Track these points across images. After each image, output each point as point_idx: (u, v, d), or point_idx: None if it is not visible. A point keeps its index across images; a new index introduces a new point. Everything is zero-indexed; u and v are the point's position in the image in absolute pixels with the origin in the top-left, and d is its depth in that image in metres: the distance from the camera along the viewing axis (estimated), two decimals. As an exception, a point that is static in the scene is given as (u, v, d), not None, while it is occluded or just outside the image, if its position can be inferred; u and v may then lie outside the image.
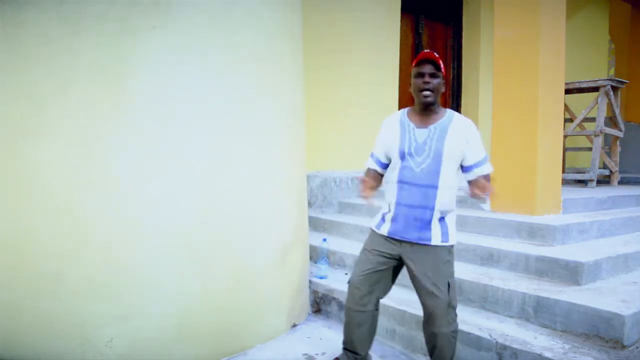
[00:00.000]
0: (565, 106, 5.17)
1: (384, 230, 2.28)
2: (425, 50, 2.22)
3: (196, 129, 2.59)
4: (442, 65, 2.19)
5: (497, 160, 3.81)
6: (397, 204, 2.24)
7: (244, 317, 2.80)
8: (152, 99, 2.50)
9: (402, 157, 2.22)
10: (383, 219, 2.32)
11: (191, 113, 2.57)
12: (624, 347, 2.26)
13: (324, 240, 3.66)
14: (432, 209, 2.17)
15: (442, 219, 2.20)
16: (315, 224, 4.45)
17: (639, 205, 4.61)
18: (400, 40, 5.58)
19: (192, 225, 2.58)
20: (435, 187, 2.17)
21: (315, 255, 3.71)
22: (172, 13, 2.51)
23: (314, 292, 3.42)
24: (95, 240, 2.45)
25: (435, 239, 2.18)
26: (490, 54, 5.24)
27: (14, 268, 2.47)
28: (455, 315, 2.23)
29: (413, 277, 2.24)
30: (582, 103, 6.03)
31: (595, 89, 5.49)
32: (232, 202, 2.72)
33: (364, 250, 2.36)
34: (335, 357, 2.52)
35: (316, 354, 2.75)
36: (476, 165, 2.23)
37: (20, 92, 2.46)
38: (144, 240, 2.50)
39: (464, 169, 2.26)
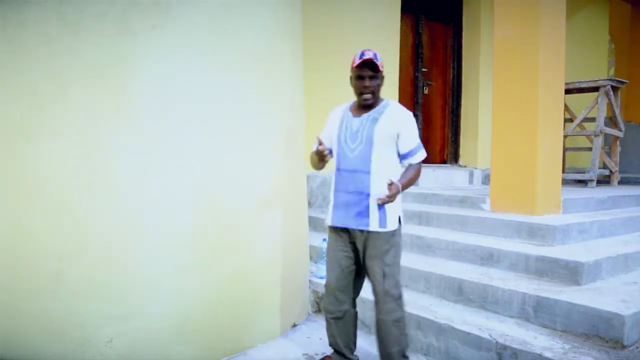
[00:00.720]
0: (565, 106, 5.17)
1: (329, 220, 2.37)
2: (367, 52, 2.26)
3: (196, 128, 2.59)
4: (380, 65, 2.25)
5: (497, 160, 3.81)
6: (336, 190, 2.35)
7: (244, 317, 2.80)
8: (152, 99, 2.50)
9: (339, 144, 2.33)
10: (329, 210, 2.40)
11: (191, 113, 2.57)
12: (624, 347, 2.26)
13: (324, 240, 3.65)
14: (368, 195, 2.24)
15: (380, 205, 2.24)
16: (315, 224, 4.45)
17: (639, 205, 4.61)
18: (400, 40, 5.58)
19: (192, 226, 2.58)
20: (367, 172, 2.25)
21: (315, 255, 3.70)
22: (172, 13, 2.51)
23: (314, 292, 3.42)
24: (95, 240, 2.45)
25: (373, 224, 2.24)
26: (490, 54, 5.23)
27: (13, 268, 2.47)
28: (398, 304, 2.27)
29: (362, 263, 2.33)
30: (582, 103, 6.03)
31: (595, 89, 5.49)
32: (232, 202, 2.72)
33: (328, 251, 2.42)
34: (325, 355, 2.58)
35: (316, 354, 2.75)
36: (409, 154, 2.30)
37: (20, 92, 2.46)
38: (144, 240, 2.50)
39: (400, 158, 2.33)
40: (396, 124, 2.26)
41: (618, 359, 2.19)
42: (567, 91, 4.83)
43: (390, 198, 2.13)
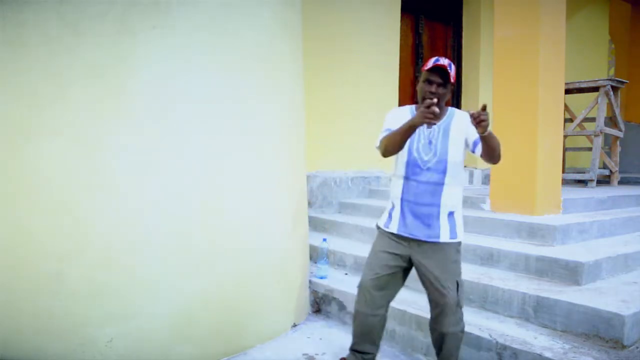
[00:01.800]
0: (565, 106, 5.17)
1: (393, 227, 2.26)
2: (441, 59, 2.18)
3: (196, 128, 2.59)
4: (452, 74, 2.18)
5: (497, 160, 3.81)
6: (403, 199, 2.24)
7: (244, 317, 2.80)
8: (152, 99, 2.50)
9: (410, 153, 2.22)
10: (390, 216, 2.30)
11: (191, 113, 2.57)
12: (624, 347, 2.26)
13: (324, 240, 3.66)
14: (439, 206, 2.18)
15: (450, 215, 2.21)
16: (315, 224, 4.45)
17: (639, 205, 4.61)
18: (400, 40, 5.58)
19: (192, 226, 2.58)
20: (441, 184, 2.19)
21: (315, 255, 3.70)
22: (172, 13, 2.51)
23: (314, 292, 3.42)
24: (96, 240, 2.45)
25: (444, 236, 2.18)
26: (490, 54, 5.23)
27: (14, 268, 2.46)
28: (462, 314, 2.24)
29: (422, 276, 2.24)
30: (582, 103, 6.03)
31: (595, 89, 5.49)
32: (232, 202, 2.72)
33: (374, 252, 2.33)
34: (340, 357, 2.51)
35: (316, 354, 2.75)
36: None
37: (21, 92, 2.46)
38: (144, 240, 2.50)
39: (472, 146, 2.21)
40: (464, 130, 2.19)
41: (618, 359, 2.19)
42: (567, 91, 4.83)
43: (485, 118, 1.92)
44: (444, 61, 2.17)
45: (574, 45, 6.33)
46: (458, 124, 2.22)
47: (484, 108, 1.94)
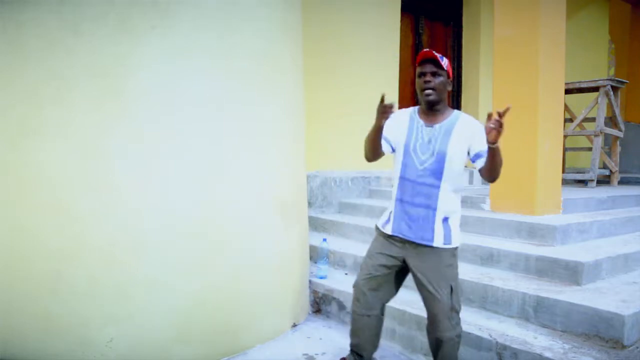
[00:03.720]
0: (565, 106, 5.17)
1: (388, 228, 2.25)
2: (425, 49, 2.18)
3: (196, 128, 2.59)
4: (444, 64, 2.14)
5: (497, 160, 3.81)
6: (399, 200, 2.22)
7: (244, 317, 2.80)
8: (152, 99, 2.50)
9: (407, 152, 2.19)
10: (388, 217, 2.28)
11: (191, 113, 2.57)
12: (624, 347, 2.26)
13: (324, 240, 3.66)
14: (435, 209, 2.15)
15: (445, 220, 2.17)
16: (315, 224, 4.45)
17: (639, 205, 4.61)
18: (400, 40, 5.58)
19: (192, 225, 2.58)
20: (437, 187, 2.14)
21: (315, 255, 3.70)
22: (171, 13, 2.51)
23: (314, 292, 3.42)
24: (96, 240, 2.45)
25: (438, 240, 2.14)
26: (490, 54, 5.24)
27: (14, 268, 2.47)
28: (459, 319, 2.21)
29: (416, 279, 2.22)
30: (582, 103, 6.03)
31: (595, 89, 5.49)
32: (232, 202, 2.72)
33: (370, 252, 2.32)
34: (340, 357, 2.51)
35: (316, 354, 2.75)
36: (485, 151, 2.17)
37: (21, 92, 2.46)
38: (145, 240, 2.50)
39: (474, 157, 2.21)
40: (469, 137, 2.15)
41: (618, 359, 2.19)
42: (567, 91, 4.83)
43: (501, 126, 1.96)
44: (429, 51, 2.14)
45: (574, 45, 6.33)
46: (462, 128, 2.17)
47: (501, 116, 1.92)
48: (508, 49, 3.71)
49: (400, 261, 2.24)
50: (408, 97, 5.82)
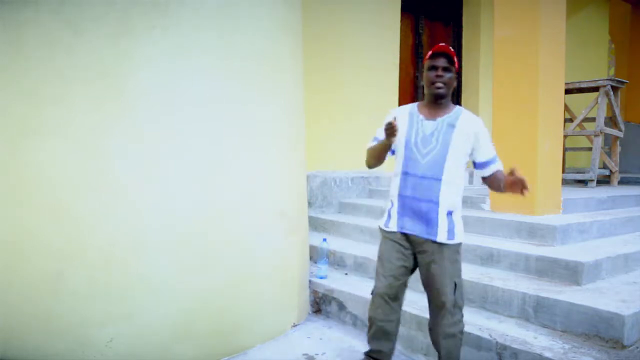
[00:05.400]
0: (565, 106, 5.17)
1: (393, 225, 2.24)
2: (441, 44, 2.20)
3: (196, 128, 2.59)
4: (455, 60, 2.18)
5: (497, 160, 3.81)
6: (401, 195, 2.21)
7: (244, 317, 2.80)
8: (152, 99, 2.49)
9: (408, 147, 2.19)
10: (389, 215, 2.28)
11: (191, 113, 2.57)
12: (624, 347, 2.26)
13: (324, 240, 3.66)
14: (437, 203, 2.15)
15: (449, 214, 2.18)
16: (315, 224, 4.45)
17: (639, 205, 4.61)
18: (400, 40, 5.58)
19: (192, 225, 2.58)
20: (439, 179, 2.14)
21: (315, 255, 3.71)
22: (171, 13, 2.51)
23: (314, 292, 3.42)
24: (96, 240, 2.45)
25: (442, 235, 2.15)
26: (490, 54, 5.24)
27: (14, 268, 2.47)
28: (462, 315, 2.22)
29: (421, 275, 2.23)
30: (582, 103, 6.04)
31: (595, 89, 5.49)
32: (232, 202, 2.72)
33: (382, 259, 2.28)
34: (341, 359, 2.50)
35: (316, 354, 2.75)
36: (492, 161, 2.25)
37: (21, 92, 2.46)
38: (145, 240, 2.50)
39: (478, 165, 2.26)
40: (473, 133, 2.18)
41: (618, 359, 2.19)
42: (567, 91, 4.83)
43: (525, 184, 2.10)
44: (443, 45, 2.17)
45: (574, 45, 6.34)
46: (465, 124, 2.19)
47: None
48: (508, 49, 3.71)
49: (411, 256, 2.24)
50: (408, 97, 5.82)
